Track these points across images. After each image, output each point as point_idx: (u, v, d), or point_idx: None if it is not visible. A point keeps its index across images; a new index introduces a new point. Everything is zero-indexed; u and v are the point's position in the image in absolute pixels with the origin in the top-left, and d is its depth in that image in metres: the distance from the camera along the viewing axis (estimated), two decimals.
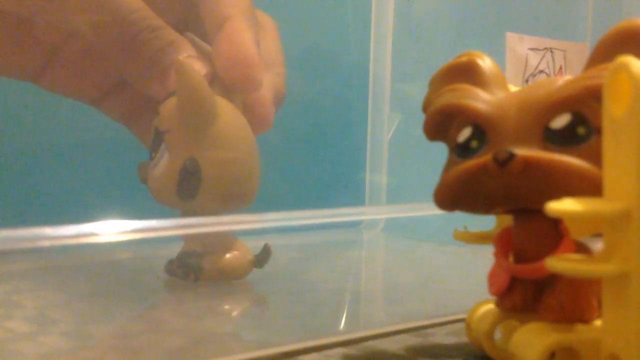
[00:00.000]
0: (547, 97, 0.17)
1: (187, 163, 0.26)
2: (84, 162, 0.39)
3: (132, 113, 0.32)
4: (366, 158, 0.50)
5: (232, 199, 0.27)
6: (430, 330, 0.24)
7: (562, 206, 0.15)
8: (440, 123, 0.19)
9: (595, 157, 0.16)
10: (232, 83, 0.27)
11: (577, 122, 0.17)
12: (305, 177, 0.47)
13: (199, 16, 0.29)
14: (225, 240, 0.29)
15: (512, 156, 0.17)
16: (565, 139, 0.17)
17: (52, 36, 0.30)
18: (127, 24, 0.27)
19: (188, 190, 0.26)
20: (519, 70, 0.32)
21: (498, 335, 0.20)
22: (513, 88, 0.20)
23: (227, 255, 0.28)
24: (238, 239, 0.29)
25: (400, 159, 0.48)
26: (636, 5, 0.41)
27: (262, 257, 0.29)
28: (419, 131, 0.20)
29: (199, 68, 0.27)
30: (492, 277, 0.20)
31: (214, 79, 0.27)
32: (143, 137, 0.32)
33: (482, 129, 0.18)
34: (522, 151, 0.17)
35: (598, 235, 0.18)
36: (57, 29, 0.29)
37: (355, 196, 0.50)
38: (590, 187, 0.16)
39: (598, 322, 0.18)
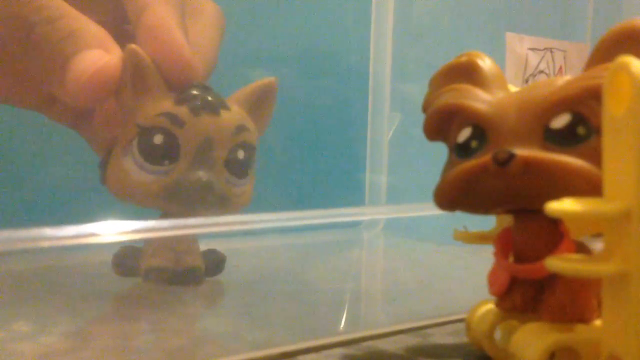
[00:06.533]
0: (547, 97, 0.17)
1: None
2: (85, 162, 0.38)
3: (79, 117, 0.30)
4: (366, 158, 0.50)
5: None
6: (430, 330, 0.23)
7: (562, 206, 0.15)
8: (440, 123, 0.19)
9: (595, 157, 0.16)
10: (164, 74, 0.26)
11: (577, 122, 0.17)
12: (305, 177, 0.47)
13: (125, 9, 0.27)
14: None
15: (512, 156, 0.17)
16: (565, 139, 0.17)
17: None
18: (23, 15, 0.24)
19: None
20: (519, 70, 0.32)
21: (498, 335, 0.20)
22: (513, 88, 0.20)
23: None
24: None
25: (400, 159, 0.48)
26: (636, 5, 0.41)
27: None
28: (419, 131, 0.20)
29: (96, 60, 0.25)
30: (492, 277, 0.20)
31: (123, 79, 0.25)
32: (93, 140, 0.31)
33: (482, 129, 0.18)
34: (522, 151, 0.17)
35: (598, 235, 0.18)
36: None
37: (355, 196, 0.50)
38: (590, 187, 0.16)
39: (598, 322, 0.18)
